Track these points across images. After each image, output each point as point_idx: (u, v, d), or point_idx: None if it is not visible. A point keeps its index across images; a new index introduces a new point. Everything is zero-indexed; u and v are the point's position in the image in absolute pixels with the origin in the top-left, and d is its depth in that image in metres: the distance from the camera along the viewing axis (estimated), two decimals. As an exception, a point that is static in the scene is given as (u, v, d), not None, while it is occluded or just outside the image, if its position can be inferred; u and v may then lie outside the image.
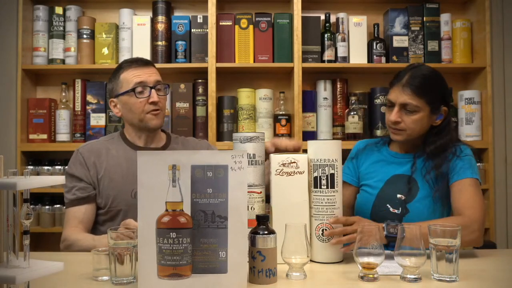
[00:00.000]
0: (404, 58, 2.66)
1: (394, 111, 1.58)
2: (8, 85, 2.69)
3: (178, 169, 1.07)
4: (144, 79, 1.68)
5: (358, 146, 1.83)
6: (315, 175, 1.35)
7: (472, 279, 1.20)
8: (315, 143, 1.40)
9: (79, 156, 1.71)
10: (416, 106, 1.55)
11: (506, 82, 2.79)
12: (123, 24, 2.63)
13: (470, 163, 1.56)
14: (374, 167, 1.73)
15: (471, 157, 1.59)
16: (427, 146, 1.61)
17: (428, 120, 1.60)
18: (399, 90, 1.57)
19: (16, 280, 0.85)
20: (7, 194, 0.91)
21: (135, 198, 1.64)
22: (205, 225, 1.08)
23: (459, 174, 1.54)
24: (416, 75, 1.57)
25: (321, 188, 1.35)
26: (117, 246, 1.15)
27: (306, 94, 2.66)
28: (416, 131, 1.59)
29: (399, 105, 1.57)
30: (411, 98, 1.55)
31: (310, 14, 2.68)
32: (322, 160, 1.35)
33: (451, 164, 1.56)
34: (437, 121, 1.61)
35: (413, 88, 1.55)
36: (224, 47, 2.60)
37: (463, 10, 2.83)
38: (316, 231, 1.35)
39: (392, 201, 1.61)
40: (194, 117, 2.62)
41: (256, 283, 1.14)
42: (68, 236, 1.61)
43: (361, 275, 1.19)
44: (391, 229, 1.35)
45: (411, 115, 1.56)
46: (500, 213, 2.72)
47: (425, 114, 1.57)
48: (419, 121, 1.57)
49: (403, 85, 1.56)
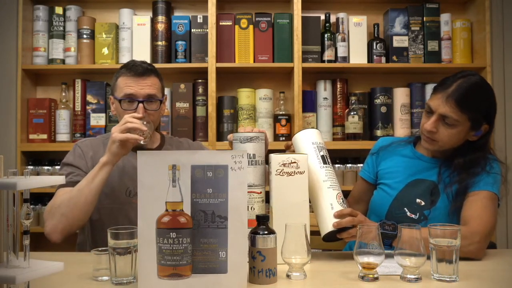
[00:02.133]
0: (404, 58, 2.66)
1: (431, 119, 1.48)
2: (8, 85, 2.69)
3: (178, 169, 1.07)
4: (134, 92, 1.62)
5: (382, 143, 1.75)
6: (322, 153, 1.44)
7: (472, 279, 1.20)
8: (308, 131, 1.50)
9: (78, 149, 1.70)
10: (456, 120, 1.45)
11: (506, 82, 2.79)
12: (123, 24, 2.63)
13: (495, 179, 1.49)
14: (396, 167, 1.65)
15: (498, 175, 1.51)
16: (456, 158, 1.52)
17: (465, 136, 1.50)
18: (442, 99, 1.46)
19: (16, 280, 0.85)
20: (7, 194, 0.91)
21: (129, 197, 1.66)
22: (205, 225, 1.08)
23: (480, 185, 1.47)
24: (463, 86, 1.45)
25: (328, 164, 1.44)
26: (117, 246, 1.15)
27: (306, 94, 2.66)
28: (449, 144, 1.51)
29: (438, 115, 1.47)
30: (452, 112, 1.44)
31: (310, 14, 2.68)
32: (320, 143, 1.47)
33: (478, 178, 1.48)
34: (474, 136, 1.51)
35: (457, 101, 1.44)
36: (224, 47, 2.60)
37: (463, 10, 2.83)
38: (337, 199, 1.38)
39: (411, 205, 1.55)
40: (194, 117, 2.62)
41: (256, 283, 1.14)
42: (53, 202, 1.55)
43: (361, 275, 1.19)
44: (386, 227, 1.33)
45: (449, 128, 1.47)
46: (500, 213, 2.68)
47: (464, 129, 1.48)
48: (455, 136, 1.49)
49: (448, 95, 1.45)
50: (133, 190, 1.66)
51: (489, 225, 1.41)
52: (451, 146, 1.52)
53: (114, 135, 1.49)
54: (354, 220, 1.32)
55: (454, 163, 1.52)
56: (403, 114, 2.65)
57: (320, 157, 1.43)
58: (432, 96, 1.52)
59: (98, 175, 1.51)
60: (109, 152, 1.51)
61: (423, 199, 1.55)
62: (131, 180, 1.66)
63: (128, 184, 1.67)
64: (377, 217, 1.61)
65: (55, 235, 1.53)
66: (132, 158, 1.66)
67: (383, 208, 1.62)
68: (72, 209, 1.50)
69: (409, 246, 1.16)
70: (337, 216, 1.33)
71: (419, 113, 2.68)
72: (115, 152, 1.51)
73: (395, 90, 2.69)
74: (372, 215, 1.67)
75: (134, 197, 1.65)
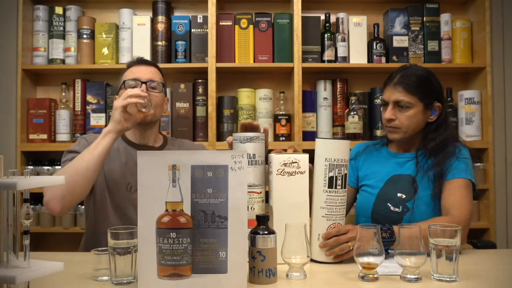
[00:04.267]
0: (404, 58, 2.66)
1: (388, 109, 1.63)
2: (8, 85, 2.69)
3: (178, 169, 1.07)
4: (138, 75, 1.68)
5: (358, 148, 1.86)
6: (331, 175, 1.34)
7: (472, 279, 1.20)
8: (329, 142, 1.38)
9: (83, 140, 1.71)
10: (408, 102, 1.60)
11: (506, 82, 2.79)
12: (123, 24, 2.63)
13: (467, 165, 1.59)
14: (374, 168, 1.74)
15: (468, 160, 1.61)
16: (427, 143, 1.63)
17: (422, 117, 1.63)
18: (391, 88, 1.63)
19: (16, 280, 0.85)
20: (7, 194, 0.91)
21: (129, 192, 1.67)
22: (205, 225, 1.08)
23: (454, 173, 1.57)
24: (407, 74, 1.63)
25: (336, 188, 1.35)
26: (117, 246, 1.15)
27: (306, 94, 2.66)
28: (411, 128, 1.63)
29: (393, 103, 1.62)
30: (403, 95, 1.60)
31: (310, 14, 2.68)
32: (338, 160, 1.34)
33: (448, 162, 1.59)
34: (431, 117, 1.65)
35: (404, 85, 1.61)
36: (224, 47, 2.60)
37: (463, 10, 2.83)
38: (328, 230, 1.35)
39: (393, 200, 1.63)
40: (194, 117, 2.62)
41: (256, 283, 1.14)
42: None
43: (361, 275, 1.19)
44: (383, 234, 1.33)
45: (405, 111, 1.61)
46: (500, 213, 2.72)
47: (419, 110, 1.61)
48: (413, 118, 1.61)
49: (395, 83, 1.62)
50: (134, 186, 1.66)
51: (469, 213, 1.52)
52: (413, 130, 1.63)
53: (115, 102, 1.52)
54: (339, 239, 1.32)
55: (427, 148, 1.63)
56: (403, 114, 2.65)
57: (328, 178, 1.35)
58: (384, 92, 1.68)
59: (101, 143, 1.50)
60: (112, 120, 1.52)
61: (404, 193, 1.63)
62: (132, 175, 1.66)
63: (129, 180, 1.67)
64: (365, 218, 1.68)
65: (53, 202, 1.47)
66: (134, 154, 1.66)
67: (368, 207, 1.68)
68: (73, 175, 1.46)
69: (409, 246, 1.16)
70: (324, 237, 1.34)
71: (419, 113, 2.68)
72: (118, 119, 1.51)
73: (395, 90, 2.69)
74: (360, 216, 1.73)
75: (134, 192, 1.66)
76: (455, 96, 2.74)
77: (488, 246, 2.45)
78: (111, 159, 1.69)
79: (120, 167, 1.69)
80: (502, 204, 2.75)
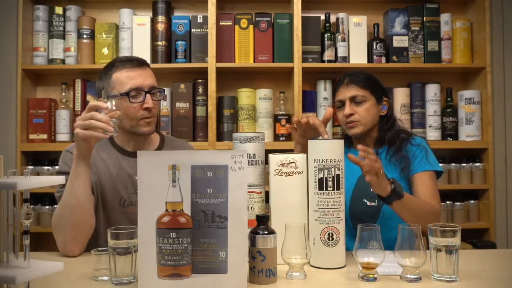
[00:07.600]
0: (404, 58, 2.66)
1: (346, 105, 1.74)
2: (8, 85, 2.69)
3: (178, 169, 1.07)
4: (140, 83, 1.56)
5: None
6: (320, 176, 1.30)
7: (472, 279, 1.20)
8: (318, 143, 1.33)
9: (68, 155, 1.59)
10: (363, 96, 1.73)
11: (506, 82, 2.79)
12: (123, 24, 2.63)
13: (427, 153, 1.72)
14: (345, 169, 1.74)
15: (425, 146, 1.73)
16: (384, 134, 1.77)
17: (376, 110, 1.76)
18: (344, 89, 1.76)
19: (16, 280, 0.85)
20: (7, 194, 0.91)
21: (123, 206, 1.59)
22: (205, 225, 1.08)
23: (419, 166, 1.69)
24: (355, 74, 1.78)
25: (327, 190, 1.29)
26: (117, 246, 1.15)
27: (306, 94, 2.66)
28: (369, 120, 1.74)
29: (349, 100, 1.74)
30: (357, 90, 1.73)
31: (310, 14, 2.68)
32: (327, 161, 1.29)
33: (410, 151, 1.72)
34: (383, 110, 1.79)
35: (356, 83, 1.74)
36: (224, 47, 2.60)
37: (463, 10, 2.83)
38: (321, 236, 1.29)
39: (367, 196, 1.69)
40: (194, 117, 2.62)
41: (256, 283, 1.14)
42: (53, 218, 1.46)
43: (361, 275, 1.19)
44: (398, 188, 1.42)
45: (362, 105, 1.73)
46: (500, 213, 2.72)
47: (373, 103, 1.75)
48: (370, 110, 1.74)
49: (347, 83, 1.76)
50: (128, 199, 1.59)
51: (439, 201, 1.69)
52: (371, 122, 1.75)
53: (76, 130, 1.35)
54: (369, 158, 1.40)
55: (385, 138, 1.76)
56: (403, 114, 2.65)
57: (318, 180, 1.30)
58: (336, 95, 1.81)
59: (77, 171, 1.41)
60: (76, 147, 1.41)
61: None
62: (124, 188, 1.59)
63: (122, 193, 1.59)
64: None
65: (68, 246, 1.44)
66: (125, 165, 1.61)
67: (346, 207, 1.67)
68: (70, 215, 1.42)
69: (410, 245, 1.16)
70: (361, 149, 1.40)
71: (419, 113, 2.68)
72: (80, 147, 1.39)
73: (395, 90, 2.69)
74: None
75: (129, 206, 1.59)
76: (455, 96, 2.74)
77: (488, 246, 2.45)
78: (100, 172, 1.59)
79: (111, 180, 1.59)
80: (502, 204, 2.75)
